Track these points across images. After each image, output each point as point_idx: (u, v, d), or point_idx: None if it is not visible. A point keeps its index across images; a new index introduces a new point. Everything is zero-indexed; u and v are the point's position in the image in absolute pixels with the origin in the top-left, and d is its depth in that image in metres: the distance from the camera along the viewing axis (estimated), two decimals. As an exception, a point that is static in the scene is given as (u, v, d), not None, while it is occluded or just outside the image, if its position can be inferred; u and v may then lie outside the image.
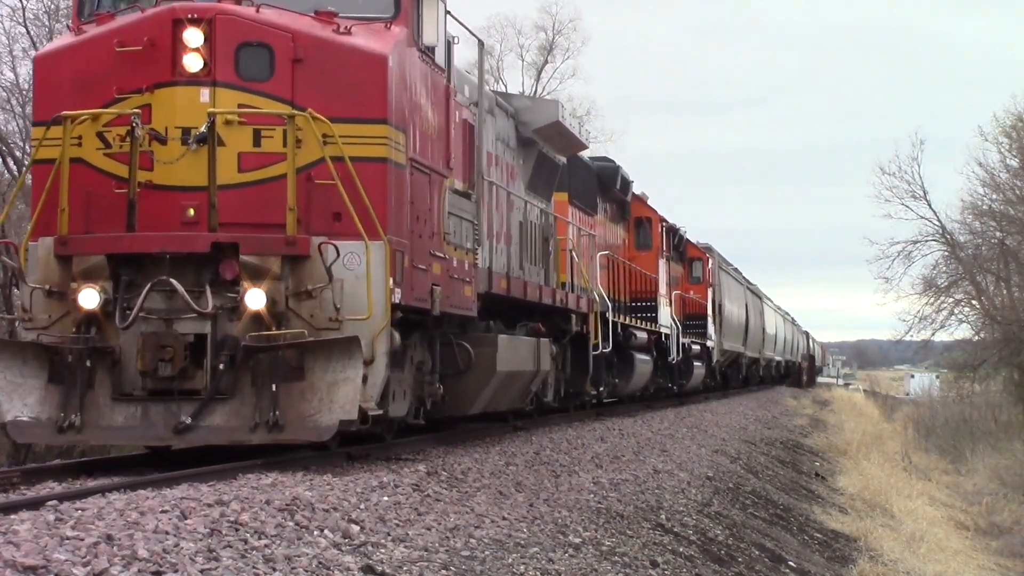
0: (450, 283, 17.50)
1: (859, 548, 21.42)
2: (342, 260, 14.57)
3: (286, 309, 14.54)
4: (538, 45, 71.34)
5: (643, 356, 36.21)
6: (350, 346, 14.06)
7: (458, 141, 18.35)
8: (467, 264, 18.54)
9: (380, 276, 14.69)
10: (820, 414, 60.13)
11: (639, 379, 35.77)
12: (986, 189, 60.58)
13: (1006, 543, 28.61)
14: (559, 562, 11.56)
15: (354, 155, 14.78)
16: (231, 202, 14.82)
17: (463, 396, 19.30)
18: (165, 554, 8.66)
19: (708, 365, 51.28)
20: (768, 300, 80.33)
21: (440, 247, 17.16)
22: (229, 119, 14.83)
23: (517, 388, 22.19)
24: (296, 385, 14.13)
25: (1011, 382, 57.00)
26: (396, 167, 15.37)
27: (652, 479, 18.57)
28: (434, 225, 16.89)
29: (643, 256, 39.30)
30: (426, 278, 16.44)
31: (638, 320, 36.32)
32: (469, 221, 18.63)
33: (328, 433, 14.13)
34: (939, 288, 61.46)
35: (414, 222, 16.02)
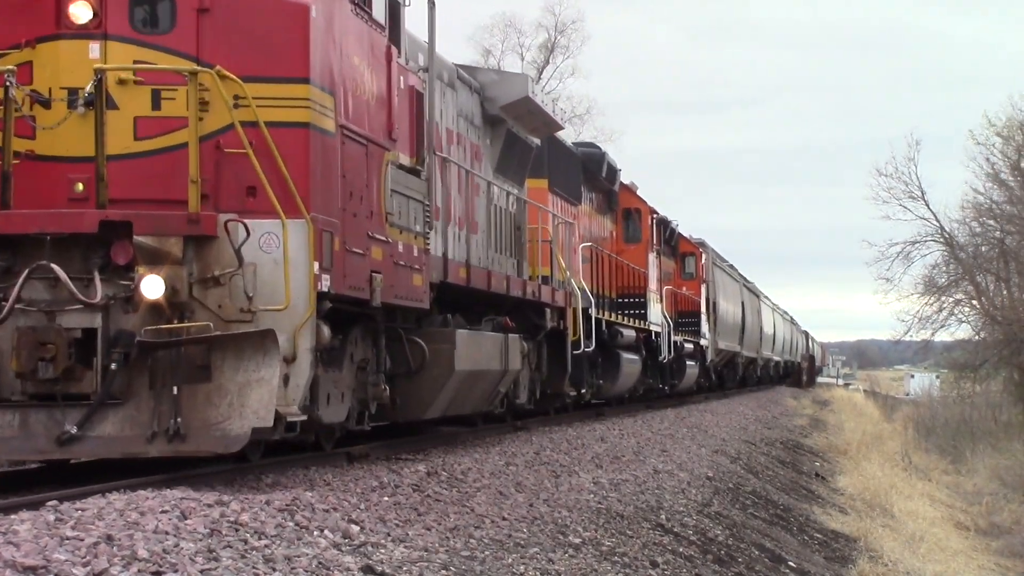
0: (394, 270, 15.32)
1: (859, 548, 21.26)
2: (257, 241, 12.53)
3: (189, 298, 12.49)
4: (539, 44, 71.55)
5: (630, 355, 33.68)
6: (264, 341, 12.00)
7: (403, 110, 16.01)
8: (416, 249, 16.27)
9: (302, 260, 12.62)
10: (820, 414, 60.01)
11: (626, 380, 33.38)
12: (987, 188, 60.86)
13: (1006, 543, 28.48)
14: (559, 562, 11.48)
15: (270, 119, 12.68)
16: (125, 175, 12.59)
17: (417, 398, 17.24)
18: (165, 554, 8.57)
19: (702, 365, 48.55)
20: (766, 299, 77.31)
21: (381, 229, 14.95)
22: (123, 78, 12.64)
23: (482, 389, 19.91)
24: (201, 387, 12.13)
25: (1011, 382, 56.77)
26: (322, 134, 13.20)
27: (652, 479, 18.47)
28: (373, 204, 14.69)
29: (632, 250, 36.64)
30: (363, 264, 14.31)
31: (626, 317, 33.85)
32: (418, 201, 16.36)
33: (238, 443, 12.05)
34: (939, 288, 61.47)
35: (347, 199, 13.84)
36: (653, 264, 38.50)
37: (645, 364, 36.69)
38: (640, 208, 37.53)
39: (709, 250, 53.80)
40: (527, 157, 24.05)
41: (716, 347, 52.92)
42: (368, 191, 14.58)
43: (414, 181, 16.36)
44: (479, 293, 20.26)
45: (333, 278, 13.32)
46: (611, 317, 31.80)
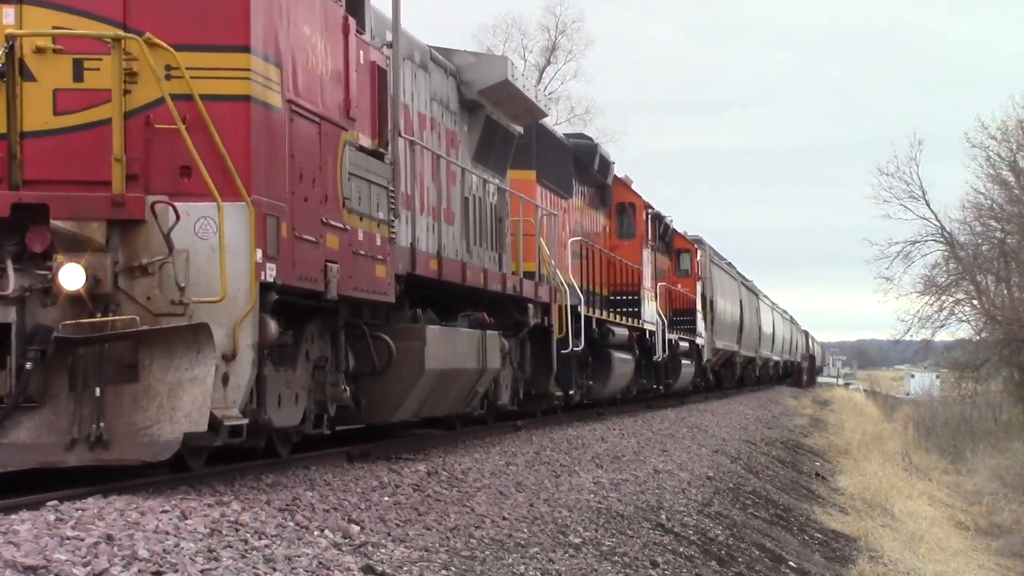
0: (353, 260, 13.99)
1: (859, 548, 21.20)
2: (192, 227, 11.34)
3: (114, 290, 11.21)
4: (541, 46, 71.57)
5: (623, 355, 32.17)
6: (198, 337, 10.76)
7: (364, 88, 14.66)
8: (379, 238, 14.92)
9: (242, 247, 11.43)
10: (820, 414, 59.92)
11: (618, 380, 31.83)
12: (988, 188, 60.85)
13: (1006, 543, 28.38)
14: (559, 562, 11.45)
15: (207, 92, 11.46)
16: (43, 153, 11.40)
17: (384, 400, 16.00)
18: (165, 554, 8.51)
19: (698, 364, 46.95)
20: (765, 297, 75.31)
21: (338, 215, 13.63)
22: (41, 46, 11.37)
23: (457, 390, 18.48)
24: (127, 388, 10.86)
25: (1011, 382, 56.70)
26: (266, 109, 11.93)
27: (652, 479, 18.43)
28: (327, 187, 13.34)
29: (626, 245, 35.24)
30: (316, 252, 13.01)
31: (619, 315, 32.48)
32: (381, 186, 15.01)
33: (168, 451, 10.78)
34: (939, 288, 61.52)
35: (296, 181, 12.55)
36: (648, 261, 37.12)
37: (639, 364, 35.36)
38: (634, 202, 36.13)
39: (706, 247, 52.30)
40: (509, 145, 22.71)
41: (713, 346, 51.50)
42: (322, 174, 13.25)
43: (377, 165, 14.95)
44: (453, 287, 18.95)
45: (280, 267, 12.05)
46: (603, 315, 30.46)
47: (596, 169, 31.98)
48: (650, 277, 37.34)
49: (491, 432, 21.91)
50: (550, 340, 24.12)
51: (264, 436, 13.08)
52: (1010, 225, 57.13)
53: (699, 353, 47.46)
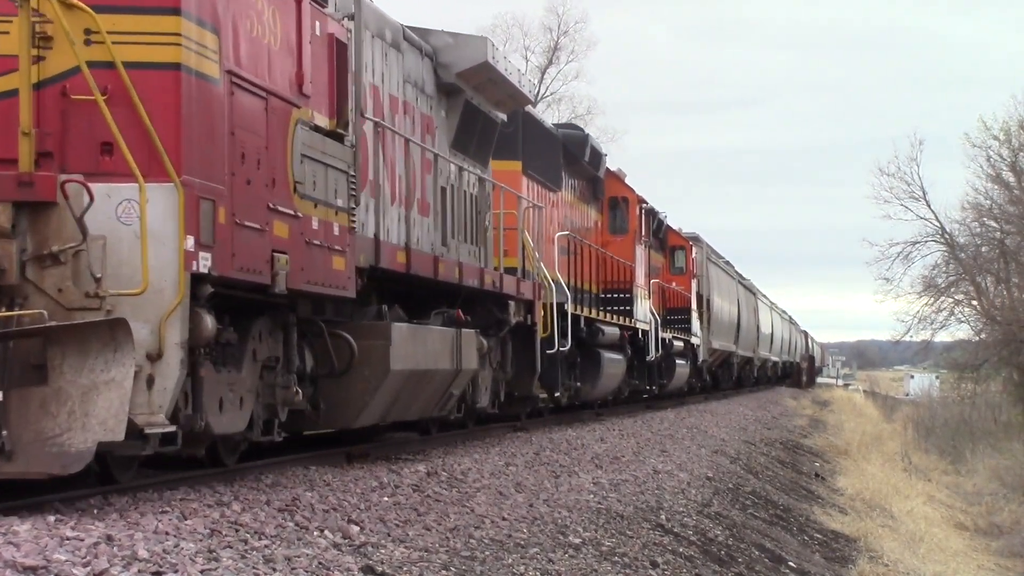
0: (306, 251, 12.68)
1: (859, 548, 21.14)
2: (114, 211, 10.09)
3: (21, 281, 10.00)
4: (543, 47, 71.54)
5: (613, 355, 30.52)
6: (115, 334, 9.49)
7: (320, 62, 13.29)
8: (337, 227, 13.56)
9: (170, 233, 10.21)
10: (820, 414, 59.91)
11: (608, 381, 30.18)
12: (988, 188, 60.86)
13: (1006, 543, 28.35)
14: (559, 562, 11.42)
15: (131, 59, 10.20)
16: None
17: (345, 403, 14.77)
18: (165, 554, 8.49)
19: (693, 364, 45.47)
20: (763, 297, 73.68)
21: (287, 201, 12.30)
22: None
23: (429, 392, 17.19)
24: (34, 392, 9.57)
25: (1011, 382, 56.67)
26: (200, 79, 10.65)
27: (652, 479, 18.40)
28: (275, 170, 12.01)
29: (618, 242, 33.55)
30: (261, 241, 11.69)
31: (610, 314, 30.85)
32: (340, 171, 13.66)
33: (80, 462, 9.50)
34: (939, 288, 61.54)
35: (237, 162, 11.27)
36: (641, 257, 35.45)
37: (631, 364, 33.84)
38: (628, 197, 34.42)
39: (703, 245, 50.85)
40: (490, 133, 21.22)
41: (709, 346, 49.96)
42: (269, 154, 11.90)
43: (335, 147, 13.59)
44: (425, 282, 17.60)
45: (217, 257, 10.79)
46: (593, 313, 29.00)
47: (587, 161, 30.42)
48: (643, 274, 35.89)
49: (490, 433, 21.90)
50: (534, 339, 22.78)
51: (205, 444, 12.03)
52: (1010, 225, 57.12)
53: (694, 353, 46.08)
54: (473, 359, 18.63)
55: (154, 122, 10.25)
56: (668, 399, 41.75)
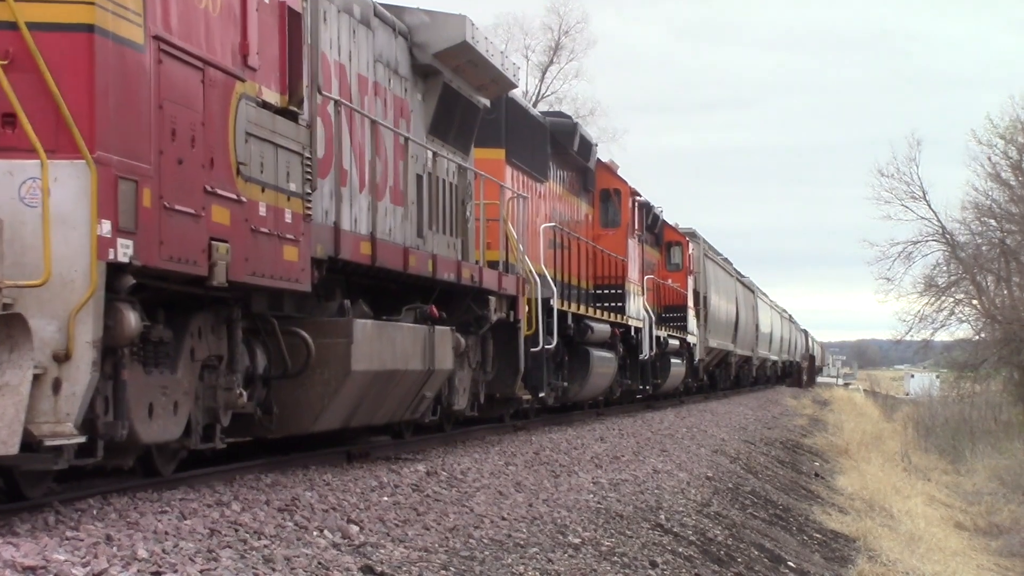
0: (252, 239, 11.43)
1: (858, 548, 21.07)
2: (17, 191, 9.04)
3: None
4: (544, 46, 71.57)
5: (604, 353, 29.44)
6: (11, 331, 8.55)
7: (270, 33, 12.07)
8: (289, 214, 12.26)
9: (81, 216, 9.12)
10: (820, 414, 59.83)
11: (598, 380, 29.00)
12: (988, 188, 60.89)
13: (1006, 543, 28.31)
14: (558, 562, 11.42)
15: (36, 19, 9.15)
16: None
17: (301, 407, 13.59)
18: (165, 554, 8.56)
19: (690, 364, 44.54)
20: (763, 295, 73.21)
21: (229, 183, 11.05)
22: None
23: (398, 394, 16.01)
24: None
25: (1011, 382, 56.65)
26: (118, 44, 9.51)
27: (651, 479, 18.38)
28: (214, 149, 10.77)
29: (610, 235, 32.42)
30: (196, 228, 10.46)
31: (601, 310, 29.71)
32: (293, 152, 12.39)
33: None
34: (939, 288, 61.58)
35: (167, 139, 10.09)
36: (634, 252, 34.33)
37: (623, 363, 32.76)
38: (620, 189, 33.19)
39: (700, 241, 49.75)
40: (472, 119, 19.91)
41: (706, 345, 49.04)
42: (206, 131, 10.66)
43: (286, 126, 12.34)
44: (396, 276, 16.39)
45: (140, 245, 9.65)
46: (582, 309, 27.74)
47: (576, 151, 28.98)
48: (637, 270, 34.82)
49: (490, 433, 21.90)
50: (517, 337, 21.46)
51: (133, 455, 10.95)
52: (1010, 225, 57.16)
53: (691, 352, 45.11)
54: (448, 358, 17.45)
55: (63, 91, 9.14)
56: (665, 399, 41.16)
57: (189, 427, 11.41)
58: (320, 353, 13.39)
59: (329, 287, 14.49)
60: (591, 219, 31.82)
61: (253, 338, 12.74)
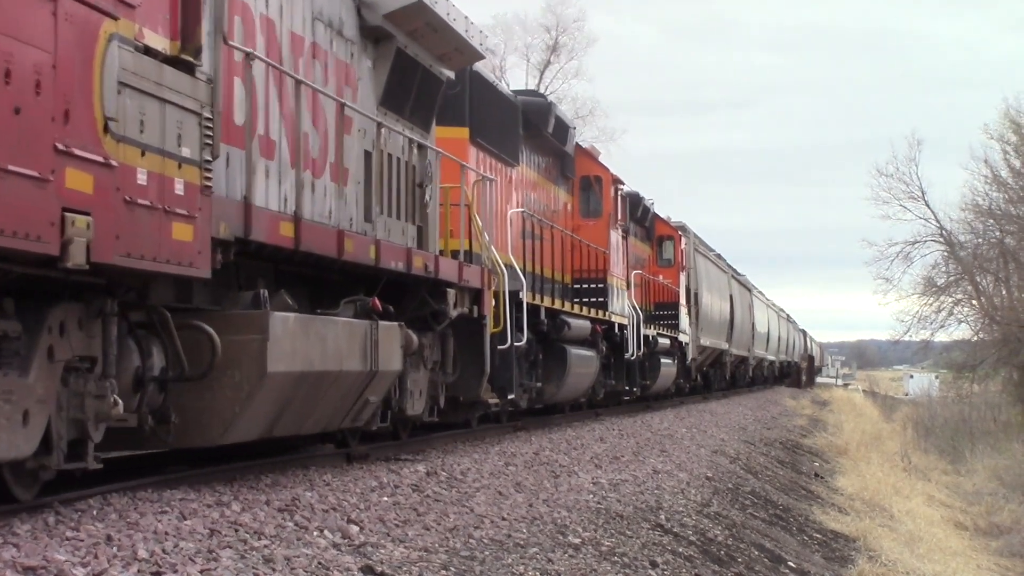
0: (126, 212, 9.35)
1: (858, 548, 21.07)
2: None
3: None
4: (543, 45, 71.61)
5: (583, 351, 27.25)
6: None
7: None
8: (181, 185, 10.15)
9: None
10: (819, 414, 59.88)
11: (577, 381, 26.88)
12: (987, 188, 60.94)
13: (1006, 543, 28.33)
14: (558, 562, 11.41)
15: None
16: None
17: (206, 415, 11.63)
18: (165, 554, 8.57)
19: (681, 363, 42.67)
20: (759, 294, 71.51)
21: (93, 142, 8.96)
22: None
23: (334, 398, 13.88)
24: None
25: (1010, 382, 56.70)
26: None
27: (651, 479, 18.38)
28: (71, 98, 8.71)
29: (590, 226, 30.22)
30: (43, 195, 8.39)
31: (580, 306, 27.65)
32: (188, 111, 10.27)
33: None
34: (938, 288, 61.65)
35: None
36: (618, 244, 32.20)
37: (607, 362, 30.81)
38: (601, 176, 30.73)
39: (691, 235, 47.72)
40: (432, 92, 17.66)
41: (698, 344, 47.04)
42: (59, 76, 8.59)
43: (179, 79, 10.21)
44: (329, 263, 14.11)
45: None
46: (557, 304, 25.70)
47: (551, 132, 26.30)
48: (622, 263, 32.85)
49: (490, 433, 21.90)
50: (482, 334, 19.25)
51: None
52: (1009, 225, 57.20)
53: (683, 351, 43.17)
54: (395, 358, 15.19)
55: None
56: (656, 401, 39.92)
57: (50, 442, 9.50)
58: (229, 352, 11.41)
59: (251, 276, 12.74)
60: (570, 208, 29.80)
61: (150, 335, 10.87)
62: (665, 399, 42.07)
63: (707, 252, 53.65)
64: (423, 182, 17.29)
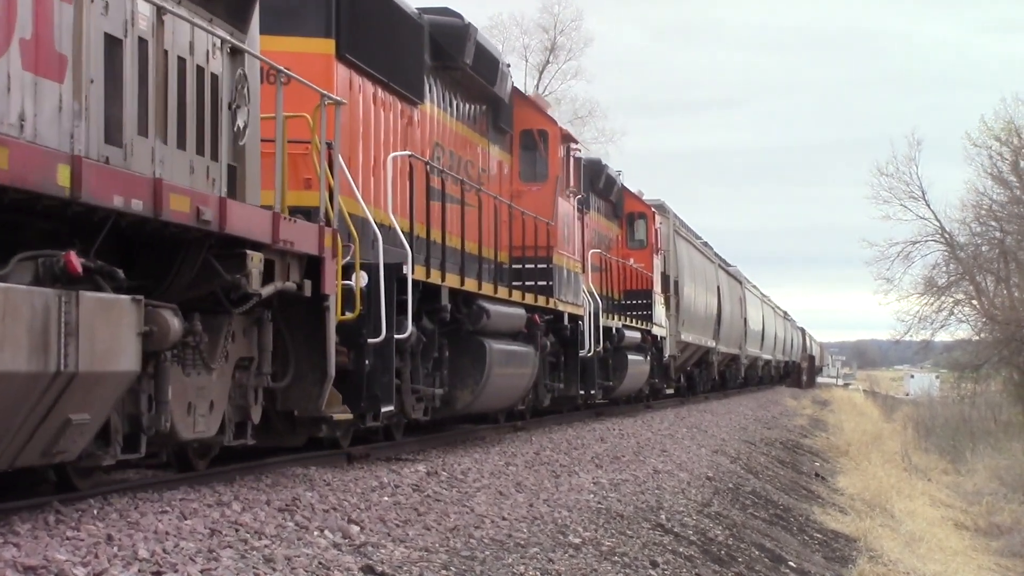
0: None
1: (859, 548, 21.10)
2: None
3: None
4: (541, 46, 71.47)
5: (514, 347, 21.43)
6: None
7: None
8: None
9: None
10: (820, 414, 59.92)
11: (503, 384, 20.85)
12: (988, 188, 60.91)
13: (1006, 543, 28.34)
14: (559, 562, 11.42)
15: None
16: None
17: None
18: (165, 554, 8.60)
19: (657, 361, 37.51)
20: (752, 288, 68.48)
21: None
22: None
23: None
24: None
25: (1011, 382, 56.69)
26: None
27: (652, 479, 18.39)
28: None
29: (533, 192, 24.13)
30: None
31: (513, 290, 21.94)
32: None
33: None
34: (939, 288, 61.65)
35: None
36: (569, 216, 26.24)
37: (554, 360, 25.29)
38: (546, 130, 24.51)
39: (669, 215, 42.78)
40: None
41: (679, 339, 42.02)
42: None
43: None
44: None
45: None
46: (471, 284, 19.72)
47: (471, 66, 20.16)
48: (576, 240, 27.08)
49: (490, 432, 21.89)
50: (324, 322, 13.33)
51: None
52: (1010, 225, 57.22)
53: (658, 347, 38.03)
54: (124, 351, 9.69)
55: None
56: (626, 405, 35.78)
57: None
58: None
59: None
60: (508, 170, 23.81)
61: None
62: (638, 401, 37.49)
63: (690, 237, 48.80)
64: (234, 102, 12.05)
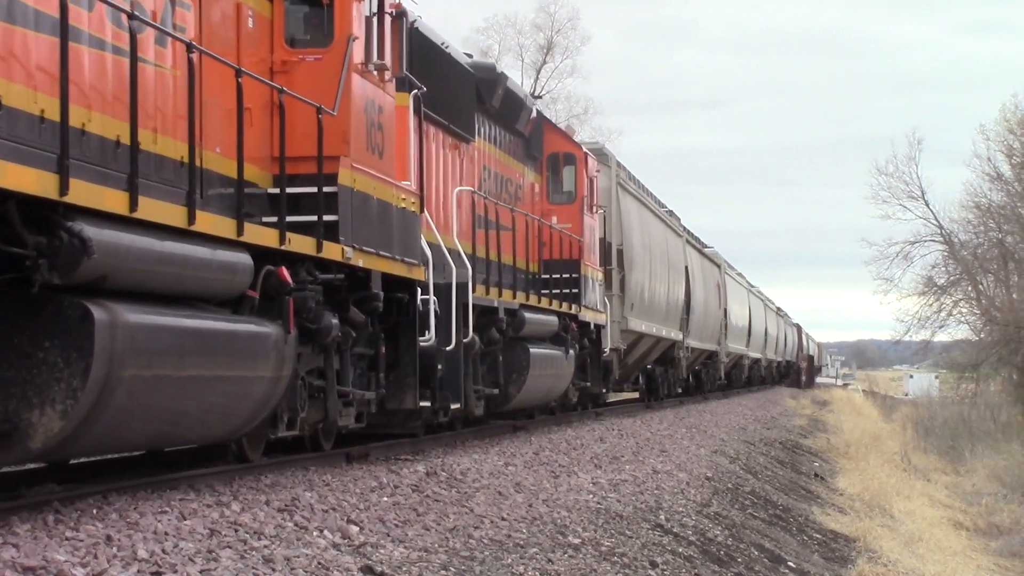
0: None
1: (858, 548, 21.11)
2: None
3: None
4: (537, 45, 71.51)
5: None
6: None
7: None
8: None
9: None
10: (819, 414, 59.96)
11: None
12: (987, 188, 60.88)
13: (1005, 543, 28.34)
14: (558, 562, 11.44)
15: None
16: None
17: None
18: (164, 554, 8.62)
19: (593, 356, 28.49)
20: (737, 276, 62.04)
21: None
22: None
23: None
24: None
25: (1010, 382, 56.63)
26: None
27: (651, 479, 18.41)
28: None
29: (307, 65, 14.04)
30: None
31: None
32: None
33: None
34: (938, 288, 61.62)
35: None
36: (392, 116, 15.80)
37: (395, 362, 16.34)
38: None
39: (612, 163, 33.08)
40: None
41: (625, 327, 32.68)
42: None
43: None
44: None
45: None
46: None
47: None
48: (411, 162, 17.13)
49: (490, 433, 21.89)
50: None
51: None
52: (1009, 225, 57.20)
53: (590, 337, 28.51)
54: None
55: None
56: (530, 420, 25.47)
57: None
58: None
59: None
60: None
61: None
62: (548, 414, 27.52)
63: (643, 197, 37.32)
64: None
